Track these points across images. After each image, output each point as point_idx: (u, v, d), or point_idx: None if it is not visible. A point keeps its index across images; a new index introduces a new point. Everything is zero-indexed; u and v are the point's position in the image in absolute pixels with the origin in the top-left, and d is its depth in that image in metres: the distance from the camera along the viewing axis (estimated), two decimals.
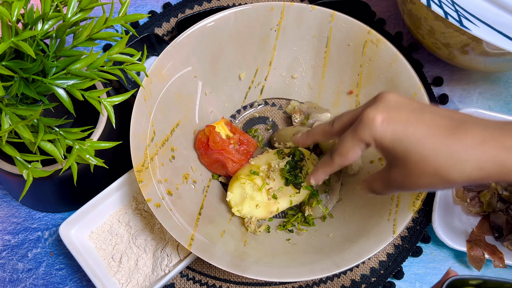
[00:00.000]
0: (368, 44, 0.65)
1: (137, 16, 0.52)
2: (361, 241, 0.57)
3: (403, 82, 0.63)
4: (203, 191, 0.64)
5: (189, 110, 0.66)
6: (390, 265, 0.64)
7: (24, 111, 0.45)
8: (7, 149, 0.47)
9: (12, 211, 0.68)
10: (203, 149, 0.64)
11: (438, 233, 0.63)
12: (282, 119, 0.72)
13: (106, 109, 0.49)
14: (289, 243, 0.61)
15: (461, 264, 0.65)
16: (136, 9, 0.81)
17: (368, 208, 0.61)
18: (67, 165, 0.48)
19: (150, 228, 0.63)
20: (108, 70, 0.50)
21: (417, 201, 0.57)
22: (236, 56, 0.68)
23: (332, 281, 0.64)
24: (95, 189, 0.63)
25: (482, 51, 0.62)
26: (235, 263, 0.54)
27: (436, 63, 0.76)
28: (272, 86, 0.71)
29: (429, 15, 0.63)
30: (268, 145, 0.70)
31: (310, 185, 0.59)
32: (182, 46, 0.63)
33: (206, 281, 0.64)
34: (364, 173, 0.65)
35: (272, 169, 0.60)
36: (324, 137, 0.54)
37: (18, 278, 0.64)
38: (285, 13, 0.66)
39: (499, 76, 0.76)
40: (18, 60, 0.45)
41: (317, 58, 0.69)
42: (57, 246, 0.66)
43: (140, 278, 0.61)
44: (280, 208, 0.62)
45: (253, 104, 0.72)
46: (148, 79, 0.61)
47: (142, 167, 0.58)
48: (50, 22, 0.48)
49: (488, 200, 0.64)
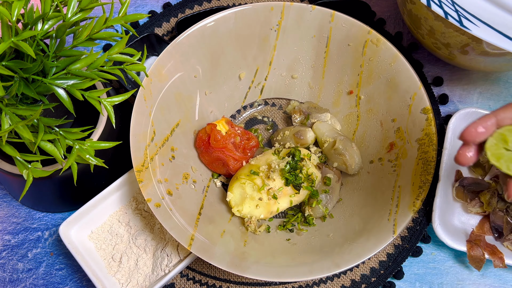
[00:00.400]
0: (368, 44, 0.65)
1: (137, 16, 0.52)
2: (361, 241, 0.57)
3: (403, 82, 0.63)
4: (203, 191, 0.64)
5: (189, 110, 0.66)
6: (390, 265, 0.64)
7: (24, 111, 0.45)
8: (7, 149, 0.47)
9: (12, 211, 0.68)
10: (204, 147, 0.64)
11: (438, 233, 0.63)
12: (282, 119, 0.72)
13: (106, 109, 0.49)
14: (289, 243, 0.61)
15: (461, 264, 0.65)
16: (136, 9, 0.81)
17: (368, 208, 0.61)
18: (67, 165, 0.48)
19: (150, 228, 0.63)
20: (108, 70, 0.50)
21: (417, 201, 0.57)
22: (236, 56, 0.68)
23: (332, 281, 0.64)
24: (95, 189, 0.63)
25: (482, 51, 0.62)
26: (235, 263, 0.54)
27: (436, 63, 0.76)
28: (272, 86, 0.71)
29: (429, 15, 0.63)
30: (268, 145, 0.70)
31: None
32: (182, 46, 0.63)
33: (206, 281, 0.64)
34: (364, 173, 0.65)
35: (272, 170, 0.60)
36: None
37: (18, 278, 0.64)
38: (285, 13, 0.66)
39: (499, 76, 0.76)
40: (18, 60, 0.45)
41: (317, 58, 0.69)
42: (57, 246, 0.66)
43: (140, 278, 0.61)
44: (280, 208, 0.62)
45: (253, 104, 0.72)
46: (148, 79, 0.61)
47: (142, 167, 0.58)
48: (50, 22, 0.48)
49: (488, 200, 0.64)
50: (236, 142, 0.64)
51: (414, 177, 0.59)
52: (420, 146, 0.61)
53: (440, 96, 0.74)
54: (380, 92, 0.66)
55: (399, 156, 0.62)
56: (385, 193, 0.61)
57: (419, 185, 0.58)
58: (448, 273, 0.65)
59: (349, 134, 0.68)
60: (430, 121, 0.61)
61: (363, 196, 0.63)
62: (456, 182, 0.66)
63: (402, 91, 0.63)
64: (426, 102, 0.61)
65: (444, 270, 0.65)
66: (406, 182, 0.60)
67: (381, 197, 0.61)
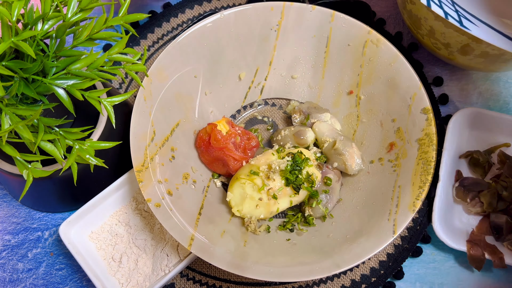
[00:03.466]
0: (368, 44, 0.65)
1: (137, 16, 0.52)
2: (361, 241, 0.57)
3: (403, 82, 0.63)
4: (203, 191, 0.64)
5: (189, 110, 0.66)
6: (390, 265, 0.64)
7: (24, 111, 0.45)
8: (7, 149, 0.47)
9: (12, 211, 0.68)
10: (204, 147, 0.64)
11: (438, 233, 0.63)
12: (282, 119, 0.72)
13: (106, 109, 0.49)
14: (289, 243, 0.61)
15: (461, 264, 0.65)
16: (136, 9, 0.81)
17: (368, 208, 0.61)
18: (67, 165, 0.48)
19: (150, 228, 0.63)
20: (108, 70, 0.50)
21: (417, 201, 0.57)
22: (236, 56, 0.68)
23: (332, 281, 0.64)
24: (95, 189, 0.63)
25: (482, 51, 0.62)
26: (235, 263, 0.54)
27: (436, 63, 0.76)
28: (272, 86, 0.71)
29: (429, 15, 0.63)
30: (268, 145, 0.70)
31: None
32: (182, 46, 0.63)
33: (206, 281, 0.64)
34: (364, 173, 0.65)
35: (273, 170, 0.60)
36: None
37: (18, 278, 0.64)
38: (285, 13, 0.66)
39: (499, 76, 0.76)
40: (18, 60, 0.45)
41: (317, 58, 0.69)
42: (57, 246, 0.66)
43: (140, 278, 0.61)
44: (280, 208, 0.62)
45: (253, 104, 0.72)
46: (148, 79, 0.61)
47: (142, 167, 0.58)
48: (50, 22, 0.48)
49: (488, 200, 0.64)
50: (237, 142, 0.64)
51: (414, 177, 0.59)
52: (420, 146, 0.61)
53: (440, 96, 0.74)
54: (380, 92, 0.66)
55: (399, 156, 0.62)
56: (385, 193, 0.61)
57: (419, 185, 0.58)
58: (448, 273, 0.65)
59: (349, 134, 0.68)
60: (430, 121, 0.61)
61: (363, 196, 0.63)
62: (456, 182, 0.66)
63: (402, 91, 0.63)
64: (426, 102, 0.61)
65: (444, 270, 0.65)
66: (406, 182, 0.60)
67: (381, 197, 0.61)
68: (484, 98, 0.75)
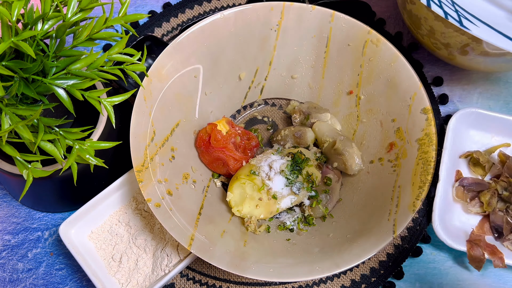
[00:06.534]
0: (368, 44, 0.65)
1: (137, 16, 0.52)
2: (361, 241, 0.57)
3: (403, 82, 0.63)
4: (203, 191, 0.64)
5: (189, 110, 0.66)
6: (390, 265, 0.64)
7: (24, 111, 0.45)
8: (7, 149, 0.47)
9: (12, 211, 0.68)
10: (204, 147, 0.64)
11: (438, 233, 0.63)
12: (282, 119, 0.72)
13: (106, 109, 0.49)
14: (289, 243, 0.61)
15: (460, 264, 0.65)
16: (136, 9, 0.81)
17: (368, 208, 0.61)
18: (67, 165, 0.48)
19: (150, 228, 0.63)
20: (108, 70, 0.50)
21: (417, 201, 0.57)
22: (236, 56, 0.68)
23: (332, 281, 0.64)
24: (95, 189, 0.63)
25: (482, 51, 0.62)
26: (235, 263, 0.54)
27: (436, 63, 0.76)
28: (272, 86, 0.71)
29: (429, 15, 0.63)
30: (268, 145, 0.70)
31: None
32: (182, 46, 0.63)
33: (206, 281, 0.64)
34: (364, 173, 0.65)
35: (273, 170, 0.60)
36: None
37: (18, 278, 0.64)
38: (285, 13, 0.66)
39: (499, 76, 0.76)
40: (18, 60, 0.45)
41: (317, 58, 0.69)
42: (57, 246, 0.66)
43: (140, 278, 0.61)
44: (280, 208, 0.62)
45: (253, 104, 0.72)
46: (148, 79, 0.61)
47: (142, 167, 0.58)
48: (50, 22, 0.48)
49: (488, 200, 0.64)
50: (237, 142, 0.64)
51: (414, 177, 0.59)
52: (420, 146, 0.61)
53: (440, 96, 0.74)
54: (380, 92, 0.66)
55: (399, 156, 0.62)
56: (385, 193, 0.61)
57: (419, 185, 0.58)
58: (448, 273, 0.65)
59: (349, 134, 0.68)
60: (430, 121, 0.61)
61: (363, 196, 0.63)
62: (456, 182, 0.66)
63: (402, 91, 0.63)
64: (426, 102, 0.61)
65: (444, 270, 0.65)
66: (406, 182, 0.60)
67: (381, 197, 0.61)
68: (484, 98, 0.75)
